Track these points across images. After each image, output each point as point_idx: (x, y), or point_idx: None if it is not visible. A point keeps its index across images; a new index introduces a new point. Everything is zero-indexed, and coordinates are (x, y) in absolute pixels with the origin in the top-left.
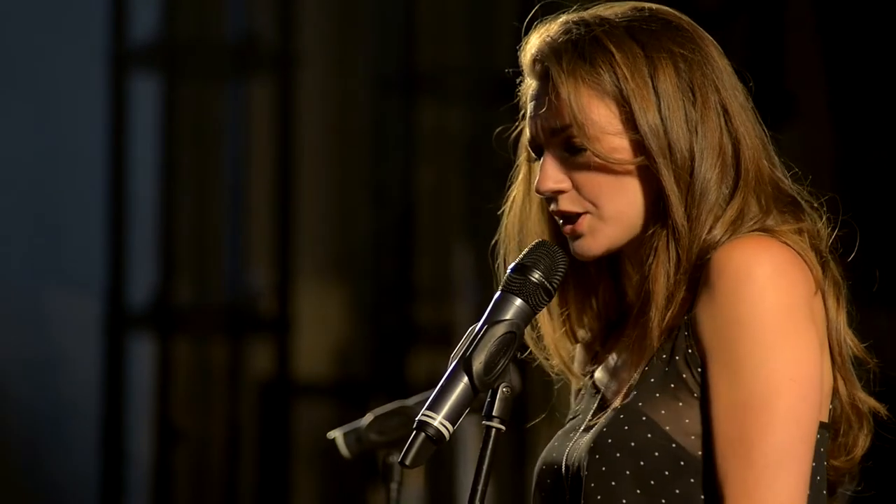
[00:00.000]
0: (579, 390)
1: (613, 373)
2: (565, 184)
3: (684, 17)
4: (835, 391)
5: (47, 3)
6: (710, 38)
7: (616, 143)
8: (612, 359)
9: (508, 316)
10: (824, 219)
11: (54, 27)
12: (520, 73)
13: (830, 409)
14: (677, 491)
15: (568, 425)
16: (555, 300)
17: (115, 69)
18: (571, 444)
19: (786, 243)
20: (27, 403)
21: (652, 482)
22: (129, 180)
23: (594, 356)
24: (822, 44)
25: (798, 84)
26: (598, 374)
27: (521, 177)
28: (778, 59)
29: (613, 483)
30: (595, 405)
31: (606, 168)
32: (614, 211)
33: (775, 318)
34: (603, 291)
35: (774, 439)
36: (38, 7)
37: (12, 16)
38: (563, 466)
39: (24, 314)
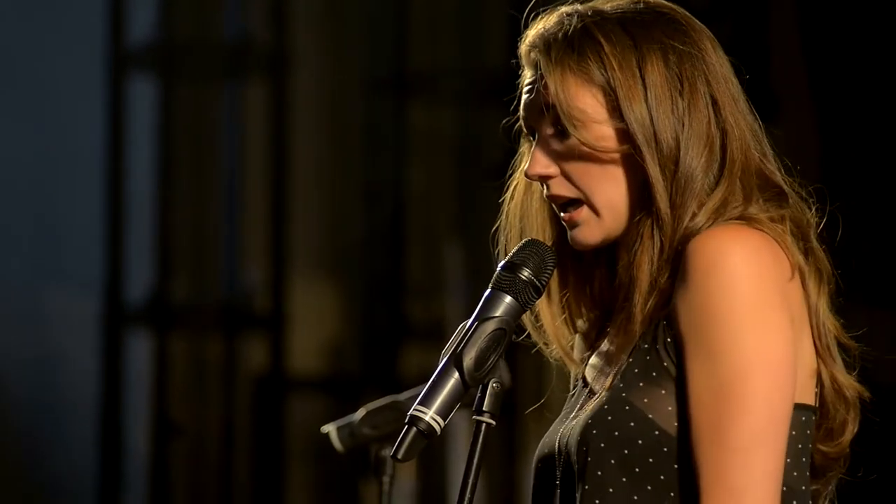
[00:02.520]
0: (576, 378)
1: (605, 360)
2: (552, 169)
3: (680, 9)
4: (817, 374)
5: (47, 5)
6: (707, 30)
7: (602, 132)
8: (604, 346)
9: (498, 313)
10: (813, 209)
11: (53, 29)
12: (520, 66)
13: (816, 393)
14: (662, 477)
15: (563, 413)
16: (555, 285)
17: (113, 70)
18: (563, 428)
19: (760, 229)
20: (27, 399)
21: (637, 469)
22: (127, 180)
23: (591, 344)
24: (807, 44)
25: (782, 83)
26: (592, 360)
27: (522, 165)
28: (763, 59)
29: (600, 473)
30: (586, 392)
31: (593, 156)
32: (605, 200)
33: (745, 305)
34: (599, 279)
35: (746, 423)
36: (37, 9)
37: (12, 17)
38: (556, 450)
39: (23, 312)
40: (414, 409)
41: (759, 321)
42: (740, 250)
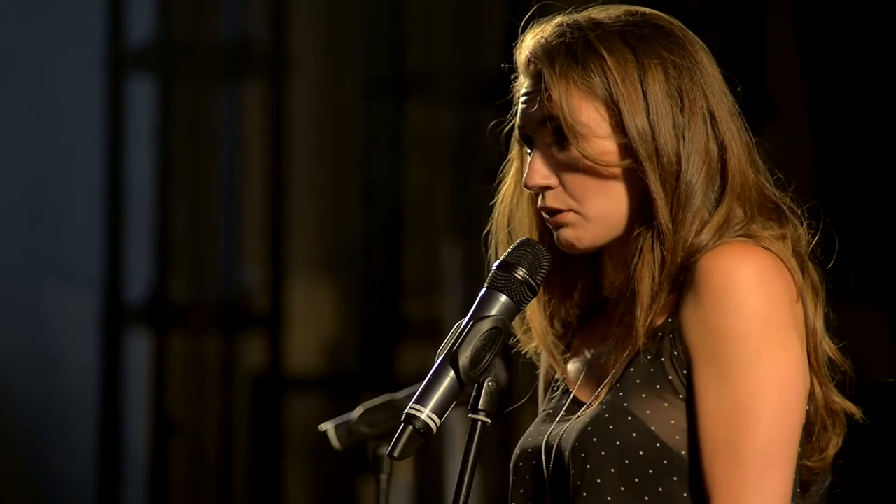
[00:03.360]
0: (553, 380)
1: (590, 366)
2: (552, 180)
3: (676, 21)
4: (811, 393)
5: (46, 6)
6: (702, 43)
7: (604, 146)
8: (588, 352)
9: (494, 312)
10: (805, 224)
11: (53, 29)
12: (514, 70)
13: (806, 411)
14: (661, 489)
15: (542, 415)
16: (541, 289)
17: (112, 71)
18: (550, 430)
19: (768, 249)
20: (27, 397)
21: (636, 480)
22: (126, 179)
23: (567, 345)
24: (801, 46)
25: (777, 86)
26: (574, 365)
27: (513, 170)
28: (757, 62)
29: (598, 481)
30: (570, 397)
31: (593, 169)
32: (598, 211)
33: (759, 326)
34: (583, 284)
35: (761, 443)
36: (36, 9)
37: (11, 18)
38: (543, 452)
39: (23, 310)
40: (410, 408)
41: (773, 342)
42: (753, 270)
